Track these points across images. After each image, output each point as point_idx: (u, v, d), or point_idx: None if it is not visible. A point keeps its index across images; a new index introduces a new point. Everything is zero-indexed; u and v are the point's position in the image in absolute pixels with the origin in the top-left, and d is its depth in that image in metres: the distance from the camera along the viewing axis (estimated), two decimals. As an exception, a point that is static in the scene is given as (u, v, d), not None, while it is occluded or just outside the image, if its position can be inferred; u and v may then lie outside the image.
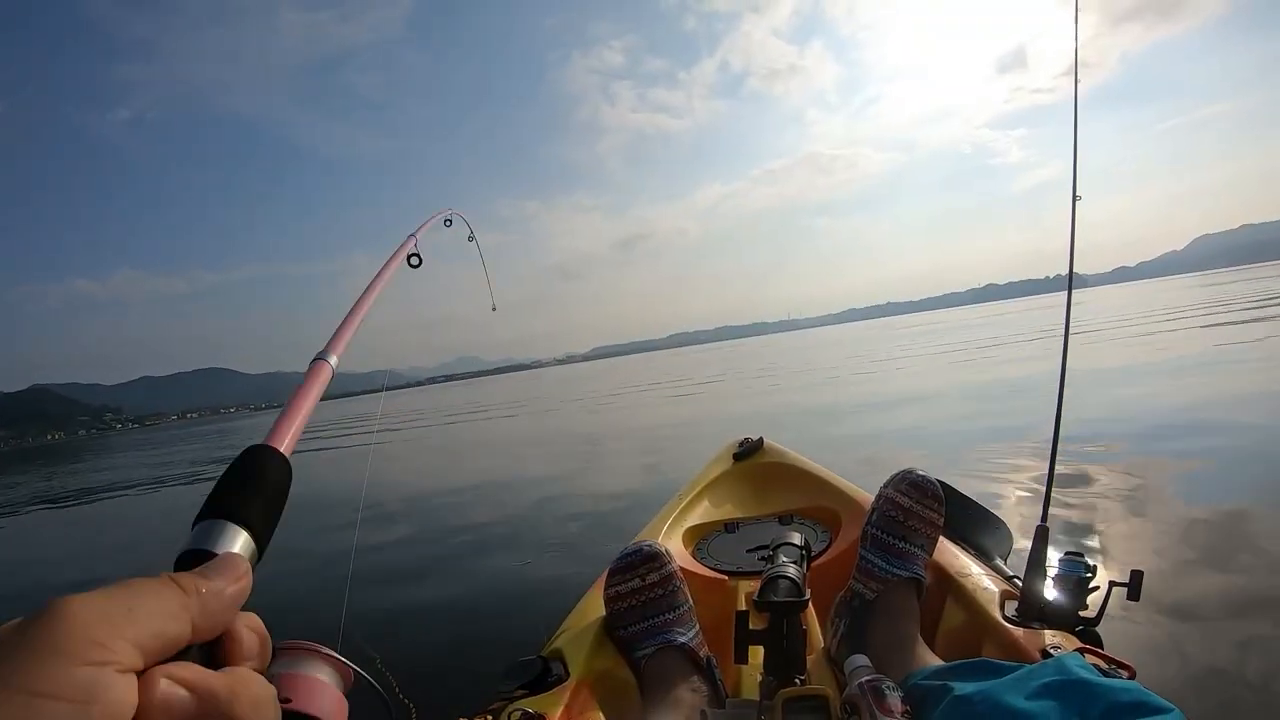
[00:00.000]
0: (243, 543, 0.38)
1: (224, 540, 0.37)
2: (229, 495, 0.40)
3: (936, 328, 24.59)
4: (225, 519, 0.38)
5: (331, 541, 3.91)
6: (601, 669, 1.06)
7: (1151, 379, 6.02)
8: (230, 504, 0.39)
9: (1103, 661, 0.85)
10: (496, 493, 5.00)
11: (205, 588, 0.31)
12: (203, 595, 0.30)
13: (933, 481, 1.16)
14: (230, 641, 0.32)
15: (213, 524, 0.38)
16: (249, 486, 0.41)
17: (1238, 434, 3.58)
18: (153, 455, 17.45)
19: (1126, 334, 10.86)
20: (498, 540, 3.60)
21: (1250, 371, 5.58)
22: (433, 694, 1.85)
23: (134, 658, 0.26)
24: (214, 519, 0.38)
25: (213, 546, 0.36)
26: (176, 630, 0.28)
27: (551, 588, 2.62)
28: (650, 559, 1.12)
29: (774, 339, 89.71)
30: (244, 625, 0.33)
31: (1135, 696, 0.69)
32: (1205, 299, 17.60)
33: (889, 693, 0.78)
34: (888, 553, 1.10)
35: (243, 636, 0.32)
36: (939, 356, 12.35)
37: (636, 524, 1.75)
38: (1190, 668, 1.50)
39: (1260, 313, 11.51)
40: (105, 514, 7.49)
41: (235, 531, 0.38)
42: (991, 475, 3.38)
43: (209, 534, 0.37)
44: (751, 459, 1.92)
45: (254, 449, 0.45)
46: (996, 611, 1.06)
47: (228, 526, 0.38)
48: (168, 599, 0.29)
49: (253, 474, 0.42)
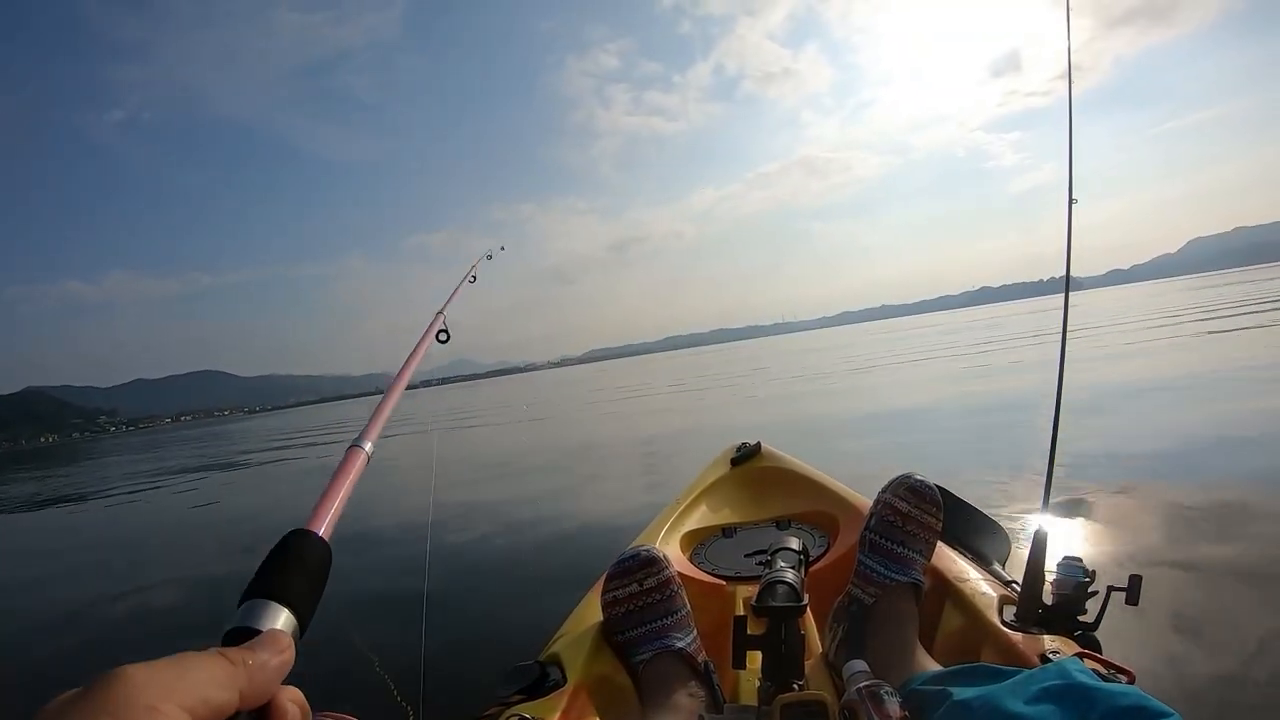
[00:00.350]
0: (285, 619, 0.40)
1: (268, 618, 0.39)
2: (272, 576, 0.43)
3: (932, 330, 24.62)
4: (268, 598, 0.40)
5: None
6: (599, 674, 1.06)
7: (1150, 382, 6.03)
8: (273, 584, 0.42)
9: (1102, 666, 0.85)
10: (492, 498, 4.99)
11: (251, 660, 0.34)
12: (249, 667, 0.33)
13: (931, 486, 1.16)
14: (274, 712, 0.35)
15: (256, 603, 0.40)
16: (290, 568, 0.44)
17: (1237, 437, 3.59)
18: (145, 463, 17.38)
19: (1122, 338, 10.88)
20: (494, 545, 3.59)
21: (1251, 376, 5.59)
22: (430, 699, 1.85)
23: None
24: (258, 599, 0.40)
25: (257, 624, 0.39)
26: (224, 699, 0.31)
27: (549, 592, 2.62)
28: (648, 564, 1.12)
29: (769, 341, 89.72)
30: (287, 698, 0.35)
31: (1134, 701, 0.69)
32: (1201, 301, 17.66)
33: (887, 698, 0.78)
34: (886, 558, 1.10)
35: (286, 708, 0.35)
36: (933, 361, 12.38)
37: (634, 528, 1.75)
38: (1189, 672, 1.50)
39: (1259, 317, 11.55)
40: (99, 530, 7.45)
41: (278, 610, 0.40)
42: (988, 479, 3.39)
43: (254, 612, 0.40)
44: (749, 464, 1.92)
45: (295, 534, 0.48)
46: (995, 616, 1.06)
47: (270, 605, 0.40)
48: (217, 669, 0.32)
49: (294, 556, 0.45)
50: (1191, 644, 1.61)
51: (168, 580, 3.98)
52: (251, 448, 16.89)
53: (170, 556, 4.83)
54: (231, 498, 7.81)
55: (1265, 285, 25.18)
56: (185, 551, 4.92)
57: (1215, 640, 1.62)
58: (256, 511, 6.26)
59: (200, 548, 4.95)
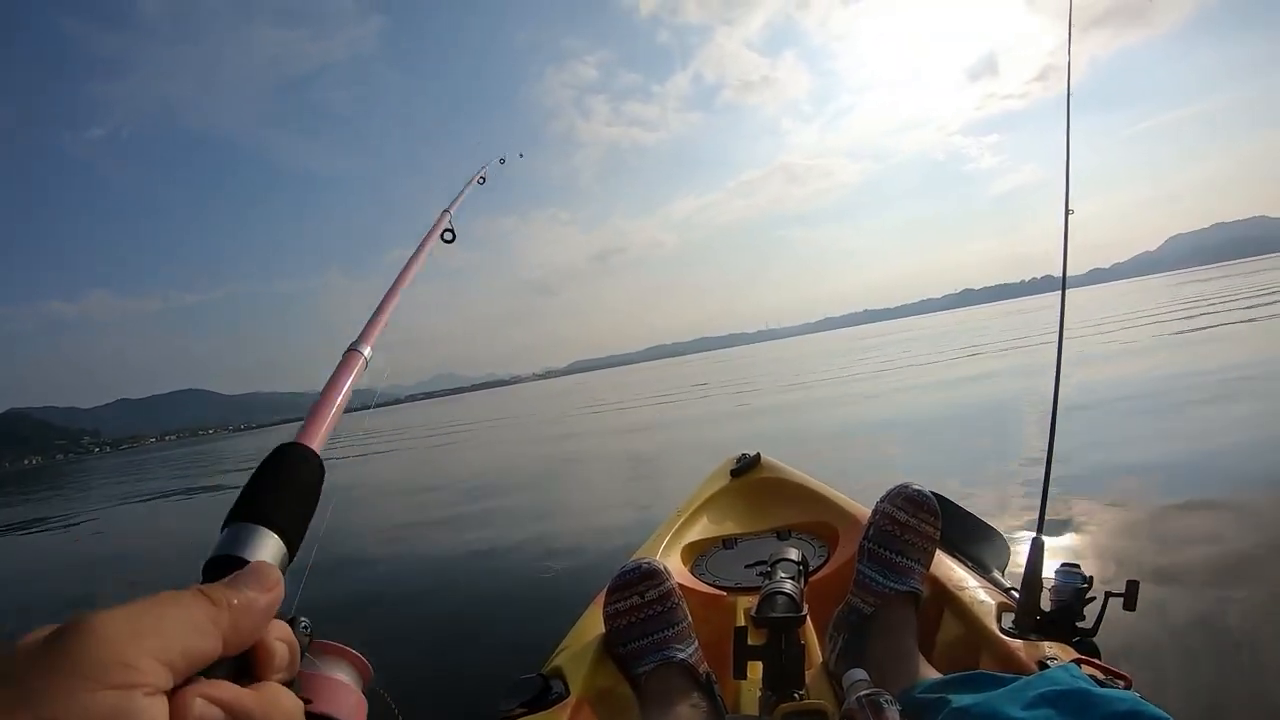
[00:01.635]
0: (274, 548, 0.36)
1: (254, 546, 0.35)
2: (259, 497, 0.38)
3: (918, 335, 24.57)
4: (255, 523, 0.36)
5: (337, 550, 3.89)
6: (602, 686, 1.06)
7: (1142, 384, 6.04)
8: (261, 506, 0.37)
9: (1099, 672, 0.86)
10: (492, 513, 4.98)
11: (236, 600, 0.30)
12: (234, 608, 0.29)
13: (928, 496, 1.17)
14: (261, 653, 0.31)
15: (242, 528, 0.36)
16: (280, 488, 0.39)
17: (1235, 442, 3.60)
18: (133, 484, 17.33)
19: (1109, 339, 10.89)
20: (495, 560, 3.58)
21: (1244, 373, 5.61)
22: (434, 713, 1.84)
23: (163, 678, 0.25)
24: (243, 523, 0.36)
25: (243, 553, 0.35)
26: (207, 646, 0.27)
27: (551, 606, 2.61)
28: (648, 576, 1.12)
29: (752, 349, 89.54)
30: (275, 636, 0.32)
31: (1131, 706, 0.70)
32: (1186, 297, 17.67)
33: (887, 706, 0.79)
34: (885, 567, 1.11)
35: (274, 648, 0.31)
36: (925, 366, 12.39)
37: (635, 541, 1.75)
38: (1186, 677, 1.50)
39: (1250, 312, 11.57)
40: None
41: (266, 536, 0.36)
42: (986, 488, 3.39)
43: (238, 539, 0.36)
44: (748, 475, 1.92)
45: (285, 448, 0.43)
46: (993, 623, 1.06)
47: (258, 531, 0.36)
48: (198, 614, 0.28)
49: (284, 474, 0.41)
50: (1189, 649, 1.62)
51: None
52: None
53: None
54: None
55: (1245, 280, 25.24)
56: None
57: (1213, 645, 1.63)
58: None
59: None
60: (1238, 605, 1.82)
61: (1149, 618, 1.73)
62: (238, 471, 14.63)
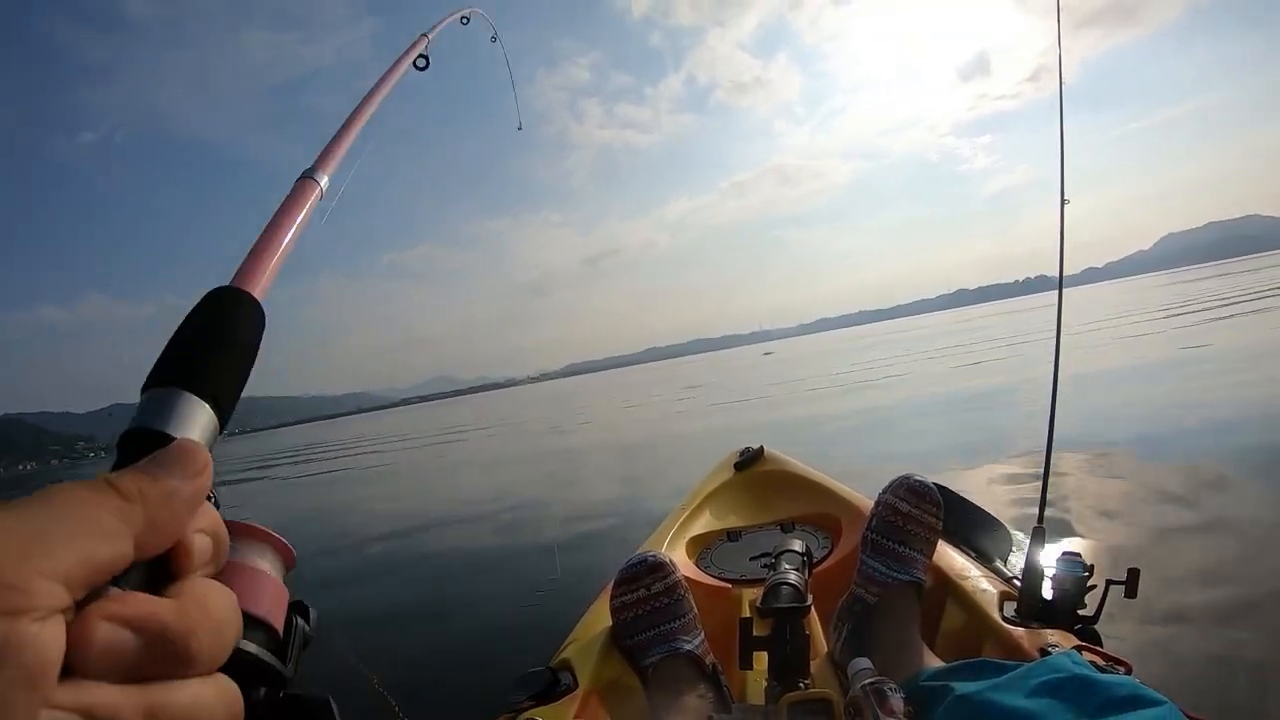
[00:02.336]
0: (204, 421, 0.29)
1: (180, 417, 0.28)
2: (188, 355, 0.30)
3: (913, 335, 24.46)
4: (182, 388, 0.29)
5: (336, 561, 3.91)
6: (609, 678, 1.07)
7: (1141, 381, 6.04)
8: (190, 367, 0.30)
9: (1100, 658, 0.87)
10: (500, 510, 5.00)
11: (154, 491, 0.23)
12: (150, 500, 0.23)
13: (930, 486, 1.18)
14: (181, 552, 0.24)
15: (167, 394, 0.29)
16: (213, 344, 0.31)
17: (1234, 433, 3.60)
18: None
19: (1107, 337, 10.88)
20: (504, 555, 3.61)
21: (1240, 370, 5.60)
22: (443, 706, 1.86)
23: (58, 596, 0.19)
24: (168, 387, 0.29)
25: (166, 427, 0.27)
26: (115, 551, 0.21)
27: (558, 599, 2.63)
28: (654, 569, 1.13)
29: (744, 350, 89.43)
30: (198, 527, 0.25)
31: (1130, 690, 0.71)
32: (1188, 296, 17.60)
33: (891, 694, 0.80)
34: (888, 557, 1.12)
35: (196, 545, 0.24)
36: (919, 364, 12.39)
37: (640, 535, 1.77)
38: (1187, 662, 1.51)
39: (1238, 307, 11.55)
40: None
41: (195, 405, 0.28)
42: (987, 478, 3.40)
43: (161, 408, 0.28)
44: (752, 468, 1.93)
45: (219, 292, 0.34)
46: (996, 612, 1.07)
47: (185, 398, 0.28)
48: (103, 512, 0.22)
49: (218, 326, 0.32)
50: (1189, 635, 1.63)
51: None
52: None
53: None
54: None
55: (1240, 279, 25.13)
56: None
57: (1213, 630, 1.64)
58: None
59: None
60: (1239, 593, 1.83)
61: (1151, 605, 1.74)
62: (232, 475, 14.68)
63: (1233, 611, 1.72)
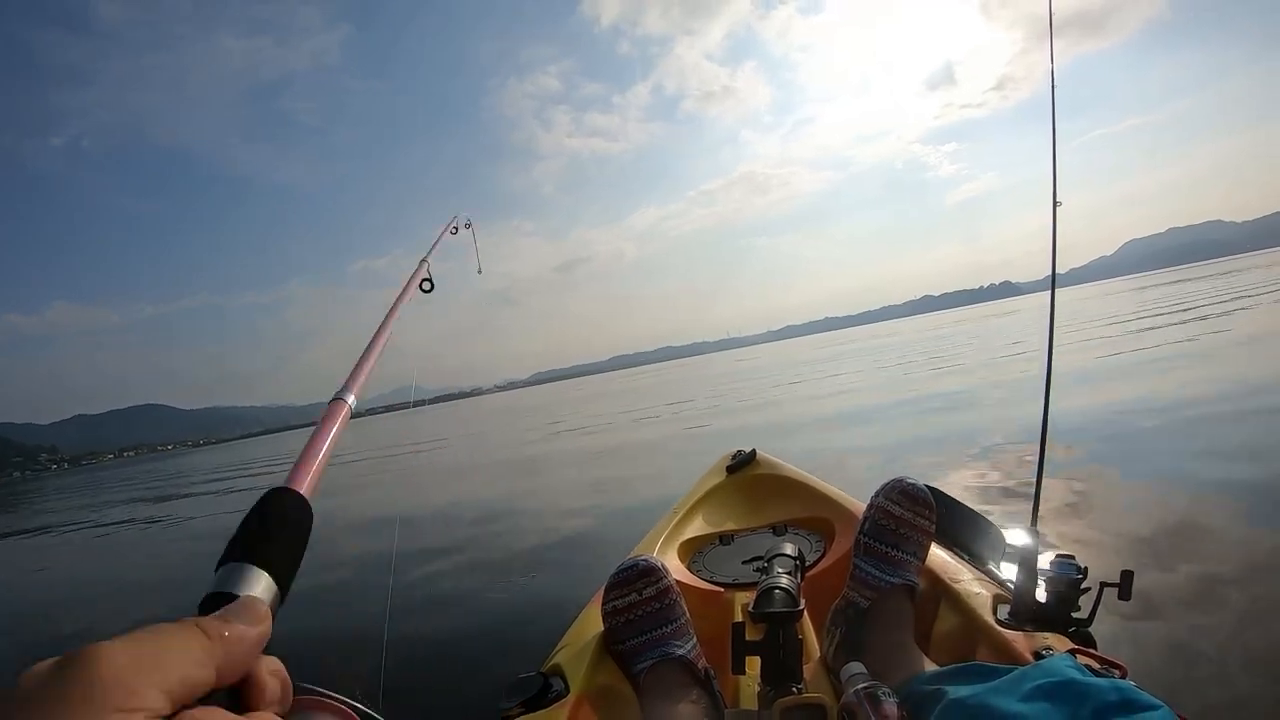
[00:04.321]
0: (264, 585, 0.38)
1: (246, 583, 0.37)
2: (250, 538, 0.40)
3: (886, 342, 24.56)
4: (246, 562, 0.38)
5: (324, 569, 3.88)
6: (601, 684, 1.06)
7: (1133, 383, 6.08)
8: (251, 547, 0.40)
9: (1095, 662, 0.86)
10: (489, 515, 4.98)
11: (228, 632, 0.31)
12: (226, 639, 0.31)
13: (923, 489, 1.18)
14: (253, 686, 0.33)
15: (235, 567, 0.38)
16: (269, 530, 0.42)
17: (1224, 435, 3.62)
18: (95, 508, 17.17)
19: (1086, 338, 10.95)
20: (494, 560, 3.59)
21: (1228, 371, 5.64)
22: (434, 713, 1.85)
23: (162, 703, 0.27)
24: (236, 562, 0.38)
25: (235, 589, 0.37)
26: (202, 676, 0.29)
27: (549, 604, 2.62)
28: (646, 573, 1.13)
29: (713, 358, 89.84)
30: (266, 670, 0.33)
31: (1124, 695, 0.70)
32: (1154, 301, 17.74)
33: (885, 699, 0.79)
34: (881, 561, 1.11)
35: (265, 681, 0.33)
36: (903, 367, 12.43)
37: (632, 539, 1.76)
38: (1182, 664, 1.51)
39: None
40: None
41: (257, 574, 0.38)
42: (980, 482, 3.41)
43: (231, 577, 0.38)
44: (744, 471, 1.93)
45: (274, 492, 0.45)
46: (989, 615, 1.07)
47: (249, 569, 0.38)
48: (193, 644, 0.30)
49: (273, 517, 0.43)
50: (1184, 636, 1.63)
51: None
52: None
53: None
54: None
55: (1200, 284, 25.32)
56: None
57: (1207, 631, 1.64)
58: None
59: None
60: (1234, 594, 1.83)
61: (1145, 607, 1.74)
62: (201, 488, 14.56)
63: (1231, 611, 1.73)
